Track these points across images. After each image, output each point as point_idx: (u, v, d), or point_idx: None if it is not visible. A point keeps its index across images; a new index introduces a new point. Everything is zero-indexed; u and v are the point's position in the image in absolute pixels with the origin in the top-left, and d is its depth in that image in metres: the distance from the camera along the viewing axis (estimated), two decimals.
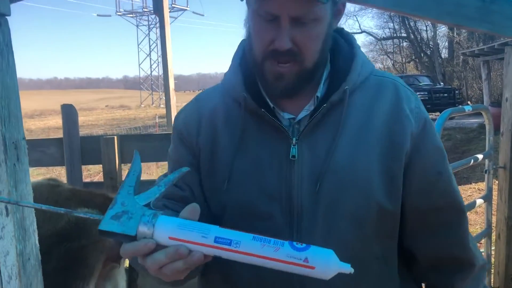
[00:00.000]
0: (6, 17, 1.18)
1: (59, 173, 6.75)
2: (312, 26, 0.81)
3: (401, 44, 30.62)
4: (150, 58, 44.13)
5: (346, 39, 0.97)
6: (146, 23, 41.99)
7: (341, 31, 0.98)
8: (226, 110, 0.93)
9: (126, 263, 1.85)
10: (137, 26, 42.40)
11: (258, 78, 0.90)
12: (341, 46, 0.94)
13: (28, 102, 38.01)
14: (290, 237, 0.84)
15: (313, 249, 0.61)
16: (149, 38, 43.02)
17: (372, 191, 0.85)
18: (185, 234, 0.61)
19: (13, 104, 1.15)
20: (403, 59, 31.35)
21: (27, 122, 18.09)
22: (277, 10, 0.79)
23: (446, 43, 26.67)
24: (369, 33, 30.75)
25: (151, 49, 43.17)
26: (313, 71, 0.87)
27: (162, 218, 0.63)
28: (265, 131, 0.88)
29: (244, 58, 0.94)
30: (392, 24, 28.65)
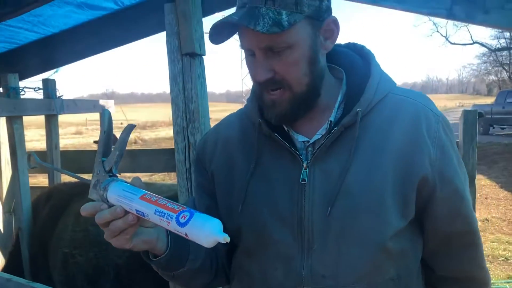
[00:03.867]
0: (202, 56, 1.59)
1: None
2: (287, 53, 0.80)
3: None
4: None
5: (361, 55, 0.94)
6: None
7: (353, 46, 0.96)
8: (244, 133, 0.96)
9: None
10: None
11: (260, 106, 0.91)
12: (356, 64, 0.92)
13: (141, 114, 41.42)
14: (301, 262, 0.85)
15: (192, 224, 0.67)
16: None
17: (386, 216, 0.82)
18: (122, 202, 0.75)
19: (207, 123, 1.51)
20: None
21: (141, 133, 19.79)
22: (249, 45, 0.82)
23: None
24: (482, 44, 28.67)
25: None
26: (308, 95, 0.85)
27: (114, 186, 0.77)
28: (279, 154, 0.89)
29: None
30: (508, 34, 26.33)
